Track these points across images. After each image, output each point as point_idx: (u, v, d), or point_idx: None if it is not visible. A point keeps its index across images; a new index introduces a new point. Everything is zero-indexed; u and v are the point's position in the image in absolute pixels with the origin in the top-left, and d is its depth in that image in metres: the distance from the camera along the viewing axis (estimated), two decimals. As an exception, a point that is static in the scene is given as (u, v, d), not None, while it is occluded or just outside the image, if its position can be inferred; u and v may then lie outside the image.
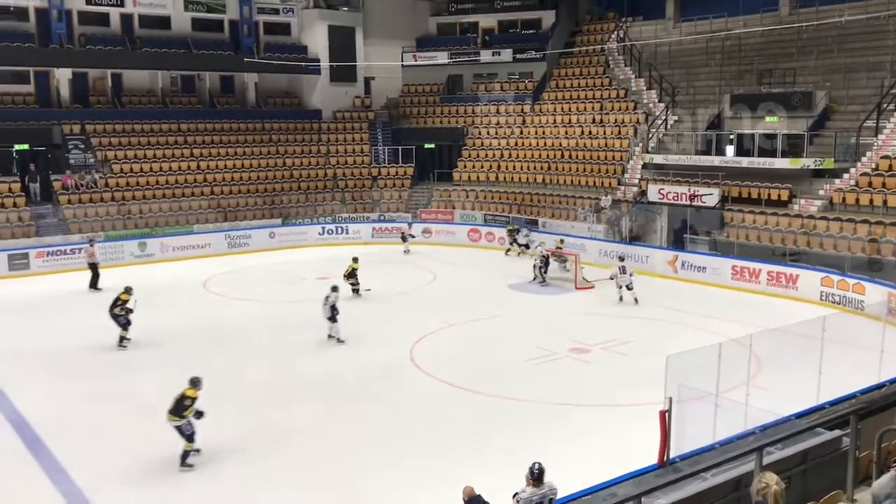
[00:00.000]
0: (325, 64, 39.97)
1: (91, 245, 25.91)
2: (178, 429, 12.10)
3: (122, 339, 18.49)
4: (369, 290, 23.74)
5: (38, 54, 33.71)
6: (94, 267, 25.29)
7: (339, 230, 34.33)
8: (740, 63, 32.14)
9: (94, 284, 25.02)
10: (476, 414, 14.33)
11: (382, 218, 35.62)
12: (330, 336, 18.76)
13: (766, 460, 7.86)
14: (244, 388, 15.81)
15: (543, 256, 25.78)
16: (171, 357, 17.81)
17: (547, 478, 8.55)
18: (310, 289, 25.24)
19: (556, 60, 39.62)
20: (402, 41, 41.98)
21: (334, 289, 18.99)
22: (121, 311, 18.34)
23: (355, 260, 23.67)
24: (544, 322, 20.92)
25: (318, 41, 40.25)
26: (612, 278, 22.98)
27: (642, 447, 11.09)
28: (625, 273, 22.67)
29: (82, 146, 33.46)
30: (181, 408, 12.07)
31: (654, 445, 10.60)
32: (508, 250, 31.26)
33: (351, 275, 23.48)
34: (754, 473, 7.13)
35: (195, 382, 12.31)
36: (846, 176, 25.79)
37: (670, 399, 10.56)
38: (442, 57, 41.21)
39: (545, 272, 25.57)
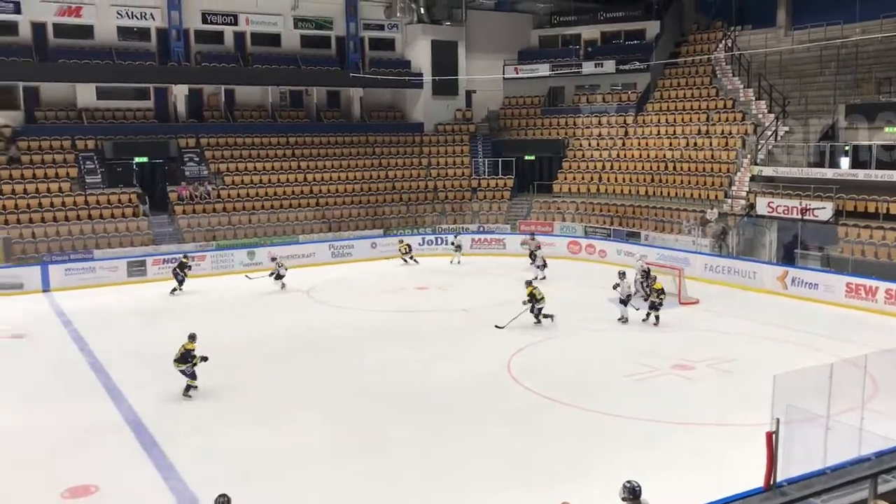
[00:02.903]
0: (427, 78, 40.54)
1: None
2: (183, 372, 15.80)
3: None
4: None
5: (159, 72, 35.62)
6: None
7: (439, 241, 34.63)
8: (857, 71, 30.70)
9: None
10: (572, 428, 14.17)
11: (482, 229, 35.77)
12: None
13: (882, 489, 7.48)
14: (339, 394, 16.18)
15: (644, 270, 25.27)
16: (275, 361, 18.42)
17: (644, 496, 8.37)
18: (408, 298, 25.64)
19: (661, 71, 38.88)
20: (504, 54, 42.13)
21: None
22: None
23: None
24: (646, 337, 20.49)
25: (421, 56, 40.89)
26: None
27: (747, 469, 10.70)
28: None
29: (197, 159, 35.09)
30: (187, 358, 15.73)
31: (759, 468, 10.20)
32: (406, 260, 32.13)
33: None
34: (868, 502, 6.79)
35: (193, 337, 15.96)
36: (974, 189, 24.26)
37: (778, 420, 10.15)
38: (543, 69, 41.14)
39: (645, 285, 25.03)
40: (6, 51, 32.80)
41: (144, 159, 34.47)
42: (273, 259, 27.95)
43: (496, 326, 21.04)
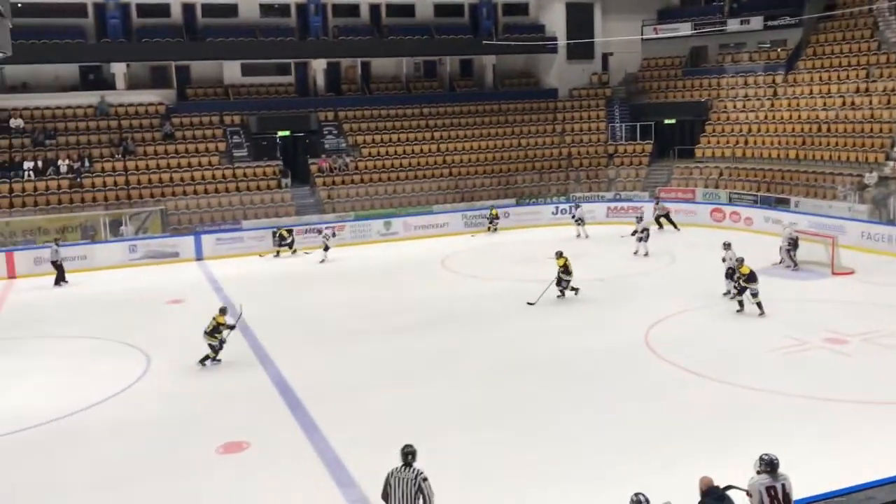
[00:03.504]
0: (562, 42, 39.75)
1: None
2: (211, 346, 16.17)
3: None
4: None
5: (299, 47, 36.79)
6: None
7: (572, 209, 34.05)
8: None
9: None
10: (714, 403, 13.65)
11: (618, 197, 34.93)
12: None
13: None
14: (475, 363, 16.27)
15: (792, 238, 23.91)
16: (414, 329, 18.78)
17: (783, 470, 7.94)
18: (542, 268, 25.40)
19: (814, 26, 36.37)
20: (642, 14, 40.65)
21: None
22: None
23: (559, 254, 20.99)
24: (794, 309, 19.40)
25: (555, 19, 40.11)
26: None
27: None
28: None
29: (335, 132, 36.07)
30: (217, 331, 16.15)
31: (923, 451, 9.50)
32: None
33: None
34: None
35: (223, 311, 16.49)
36: None
37: (944, 400, 9.39)
38: (684, 28, 39.43)
39: (794, 255, 23.72)
40: (160, 32, 34.80)
41: (286, 133, 35.79)
42: (319, 232, 28.71)
43: (528, 303, 20.40)
